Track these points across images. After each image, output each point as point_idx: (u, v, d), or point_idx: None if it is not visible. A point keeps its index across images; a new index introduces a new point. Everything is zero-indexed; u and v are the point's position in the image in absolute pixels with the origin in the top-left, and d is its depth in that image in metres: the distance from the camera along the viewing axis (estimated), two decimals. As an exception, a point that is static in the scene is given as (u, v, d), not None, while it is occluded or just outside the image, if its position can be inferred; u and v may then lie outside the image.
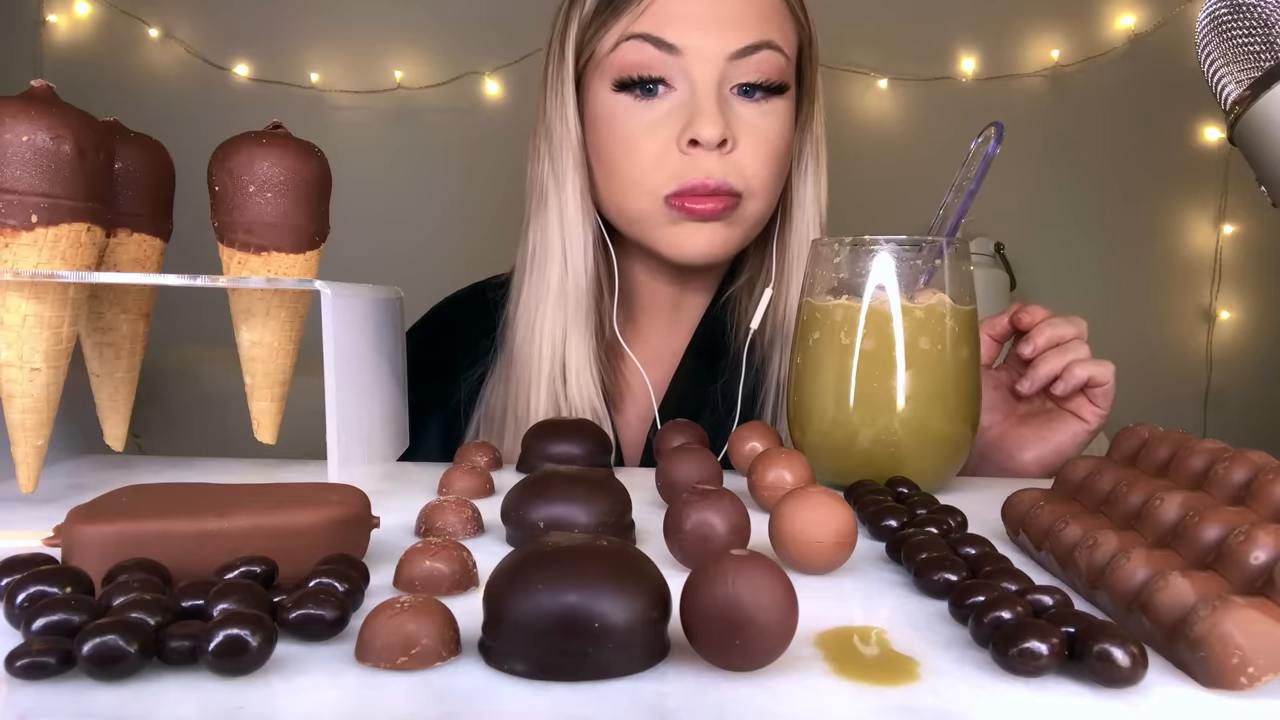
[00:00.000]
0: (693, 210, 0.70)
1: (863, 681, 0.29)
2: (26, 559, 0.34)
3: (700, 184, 0.70)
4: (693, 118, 0.70)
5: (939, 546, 0.39)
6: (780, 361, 0.77)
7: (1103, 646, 0.28)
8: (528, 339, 0.76)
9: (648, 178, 0.71)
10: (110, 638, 0.27)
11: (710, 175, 0.70)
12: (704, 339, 0.79)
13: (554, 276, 0.75)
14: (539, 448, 0.58)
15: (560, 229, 0.75)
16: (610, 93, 0.72)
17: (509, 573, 0.30)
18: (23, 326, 0.46)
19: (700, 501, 0.39)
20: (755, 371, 0.77)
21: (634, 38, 0.71)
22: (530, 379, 0.75)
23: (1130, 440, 0.43)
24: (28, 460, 0.48)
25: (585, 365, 0.74)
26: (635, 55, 0.70)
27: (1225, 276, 2.26)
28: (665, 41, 0.70)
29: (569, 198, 0.75)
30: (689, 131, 0.69)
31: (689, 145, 0.70)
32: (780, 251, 0.77)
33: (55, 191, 0.45)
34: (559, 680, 0.29)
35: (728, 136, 0.70)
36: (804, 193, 0.78)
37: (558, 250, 0.75)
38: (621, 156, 0.72)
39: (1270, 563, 0.30)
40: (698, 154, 0.70)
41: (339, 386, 0.49)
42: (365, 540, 0.39)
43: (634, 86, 0.71)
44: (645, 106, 0.71)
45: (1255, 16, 0.46)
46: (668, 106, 0.71)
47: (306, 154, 0.51)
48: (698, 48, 0.70)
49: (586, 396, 0.74)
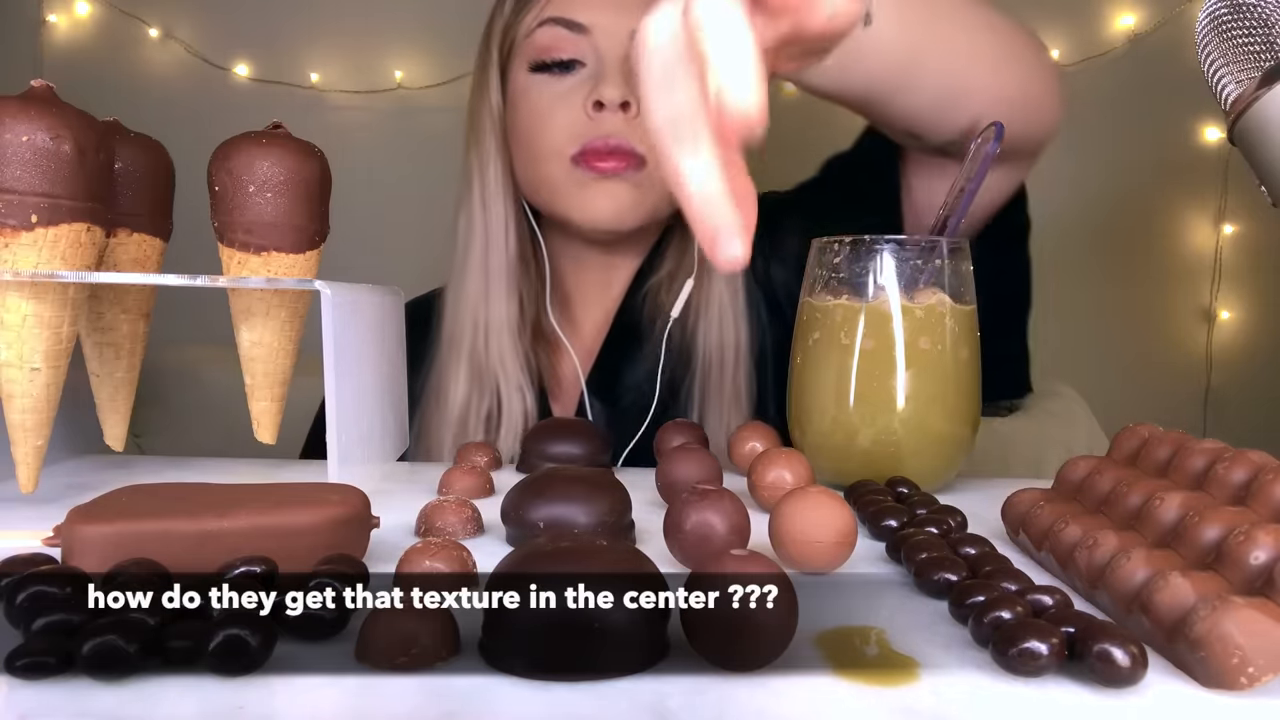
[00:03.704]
0: (595, 168, 0.73)
1: (863, 681, 0.29)
2: (26, 559, 0.34)
3: (602, 142, 0.73)
4: (598, 82, 0.73)
5: (939, 546, 0.39)
6: (704, 348, 0.77)
7: (1103, 646, 0.28)
8: (453, 316, 0.78)
9: (557, 143, 0.74)
10: (110, 638, 0.27)
11: (612, 135, 0.73)
12: (625, 322, 0.80)
13: (476, 253, 0.78)
14: (539, 448, 0.58)
15: (482, 210, 0.78)
16: (527, 73, 0.76)
17: (509, 573, 0.30)
18: (23, 326, 0.46)
19: (700, 501, 0.39)
20: (676, 360, 0.77)
21: (546, 22, 0.75)
22: (451, 353, 0.77)
23: (1130, 440, 0.43)
24: (28, 460, 0.48)
25: (505, 333, 0.76)
26: (548, 38, 0.75)
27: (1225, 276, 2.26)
28: (575, 22, 0.74)
29: (490, 178, 0.78)
30: (594, 94, 0.73)
31: (594, 108, 0.73)
32: None
33: (55, 191, 0.45)
34: (559, 680, 0.29)
35: (630, 100, 0.73)
36: None
37: (479, 228, 0.78)
38: (536, 128, 0.75)
39: (1270, 563, 0.30)
40: (602, 116, 0.73)
41: (339, 386, 0.49)
42: (365, 540, 0.39)
43: (549, 68, 0.75)
44: (557, 80, 0.75)
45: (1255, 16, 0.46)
46: (578, 79, 0.75)
47: (306, 154, 0.51)
48: (605, 25, 0.74)
49: (510, 368, 0.76)
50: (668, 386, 0.76)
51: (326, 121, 2.18)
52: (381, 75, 2.21)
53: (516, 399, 0.76)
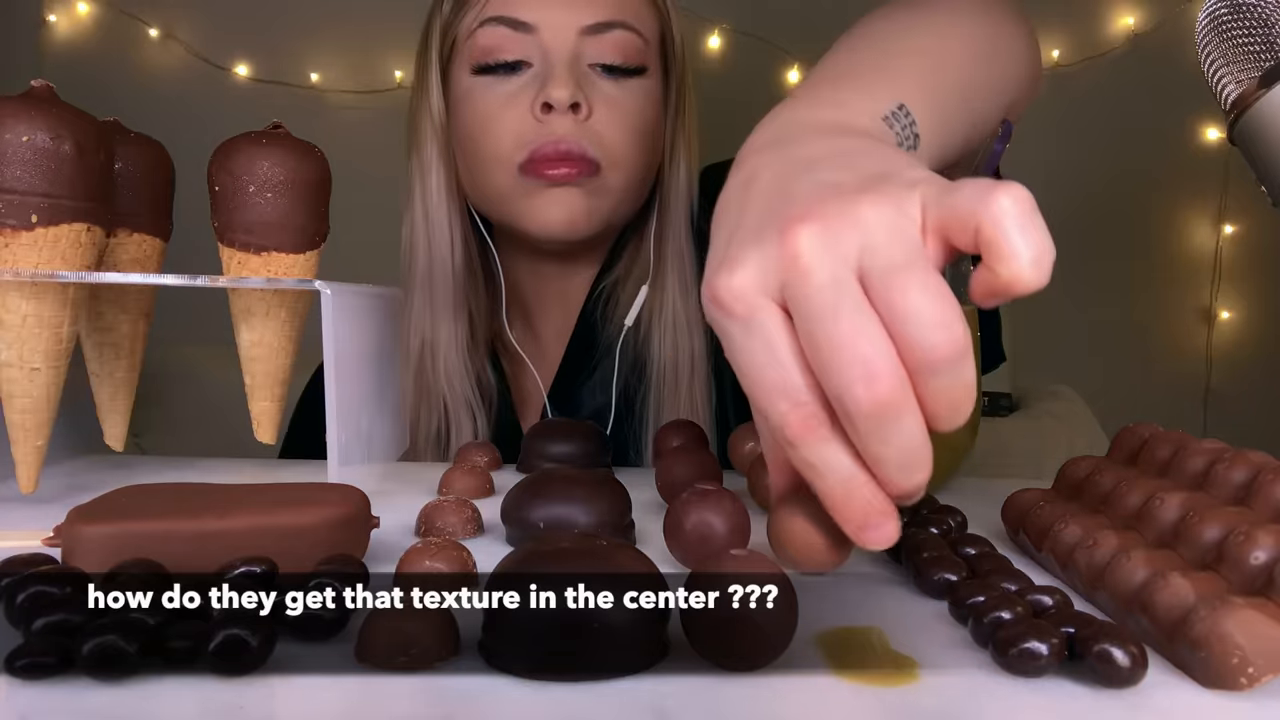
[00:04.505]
0: (546, 175, 0.69)
1: (863, 681, 0.29)
2: (26, 559, 0.34)
3: (552, 147, 0.69)
4: (545, 83, 0.69)
5: (939, 546, 0.39)
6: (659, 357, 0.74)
7: (1103, 646, 0.28)
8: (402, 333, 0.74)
9: (503, 150, 0.70)
10: (110, 638, 0.27)
11: (562, 139, 0.69)
12: (584, 332, 0.78)
13: (420, 268, 0.74)
14: (539, 448, 0.58)
15: (425, 221, 0.74)
16: (470, 75, 0.72)
17: (509, 573, 0.30)
18: (23, 326, 0.46)
19: (700, 501, 0.39)
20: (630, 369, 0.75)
21: (488, 21, 0.71)
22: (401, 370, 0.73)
23: (1130, 440, 0.43)
24: (28, 460, 0.48)
25: (454, 354, 0.73)
26: (490, 39, 0.71)
27: (1225, 276, 2.26)
28: (518, 20, 0.70)
29: (432, 187, 0.74)
30: (541, 96, 0.69)
31: (542, 110, 0.69)
32: (658, 244, 0.76)
33: (55, 191, 0.45)
34: (559, 680, 0.29)
35: (580, 100, 0.69)
36: (678, 184, 0.76)
37: (423, 241, 0.74)
38: (480, 134, 0.71)
39: (1270, 563, 0.30)
40: (551, 119, 0.69)
41: (339, 386, 0.49)
42: (365, 540, 0.39)
43: (493, 70, 0.71)
44: (501, 82, 0.71)
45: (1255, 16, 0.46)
46: (524, 80, 0.71)
47: (306, 154, 0.51)
48: (550, 22, 0.70)
49: (458, 388, 0.73)
50: (623, 396, 0.74)
51: (326, 121, 2.18)
52: (381, 75, 2.21)
53: (466, 419, 0.73)
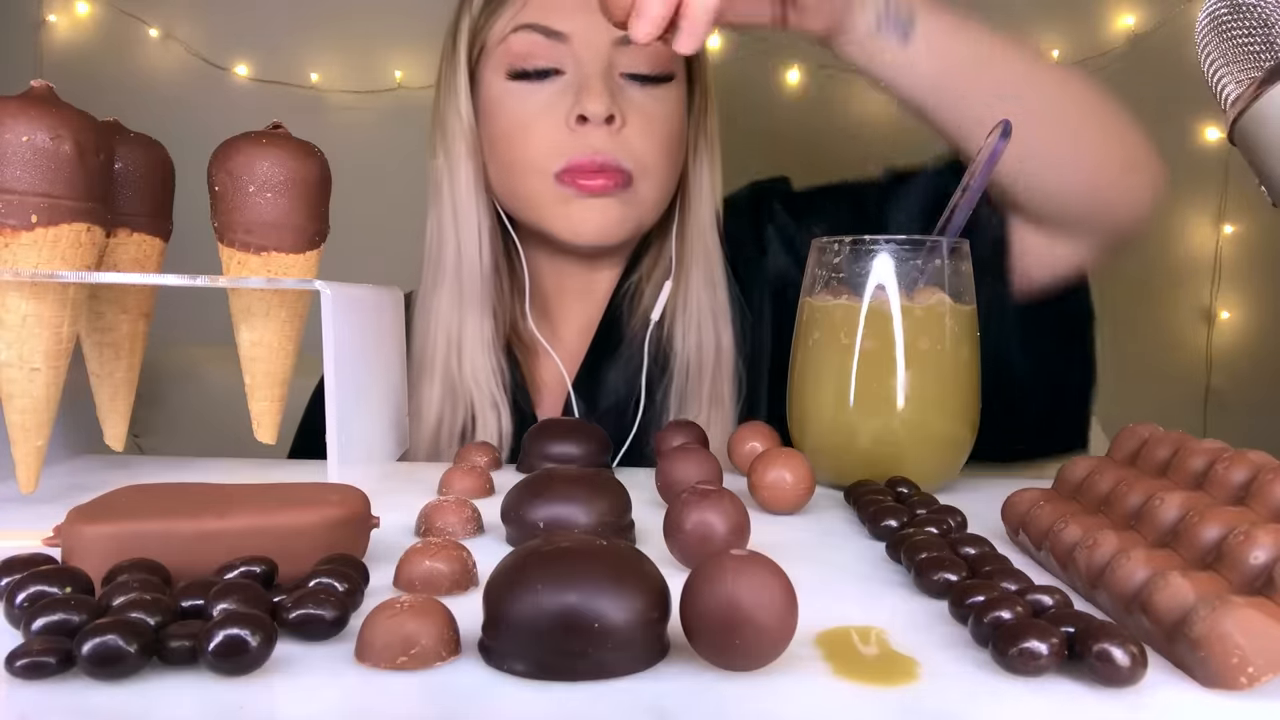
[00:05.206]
0: (583, 186, 0.71)
1: (863, 681, 0.29)
2: (26, 559, 0.34)
3: (588, 160, 0.71)
4: (580, 95, 0.71)
5: (939, 546, 0.39)
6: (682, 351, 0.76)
7: (1103, 646, 0.28)
8: (423, 329, 0.76)
9: (538, 158, 0.72)
10: (110, 638, 0.27)
11: (598, 151, 0.71)
12: (610, 327, 0.79)
13: (449, 265, 0.75)
14: (539, 448, 0.58)
15: (454, 218, 0.76)
16: (503, 80, 0.73)
17: (509, 573, 0.30)
18: (23, 326, 0.46)
19: (700, 501, 0.39)
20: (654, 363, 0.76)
21: (522, 28, 0.72)
22: (424, 368, 0.75)
23: (1130, 440, 0.43)
24: (28, 460, 0.48)
25: (480, 351, 0.75)
26: (524, 45, 0.72)
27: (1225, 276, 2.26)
28: (553, 29, 0.72)
29: (462, 186, 0.75)
30: (577, 108, 0.71)
31: (577, 122, 0.71)
32: (679, 243, 0.77)
33: (55, 191, 0.45)
34: (559, 680, 0.29)
35: (615, 113, 0.71)
36: (700, 185, 0.78)
37: (451, 239, 0.76)
38: (514, 140, 0.73)
39: (1270, 563, 0.30)
40: (586, 130, 0.71)
41: (339, 386, 0.49)
42: (365, 540, 0.39)
43: (526, 76, 0.73)
44: (536, 89, 0.73)
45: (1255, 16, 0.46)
46: (557, 88, 0.72)
47: (306, 154, 0.51)
48: (584, 32, 0.71)
49: (484, 384, 0.74)
50: (647, 389, 0.75)
51: (326, 121, 2.17)
52: (381, 75, 2.21)
53: (491, 414, 0.74)
